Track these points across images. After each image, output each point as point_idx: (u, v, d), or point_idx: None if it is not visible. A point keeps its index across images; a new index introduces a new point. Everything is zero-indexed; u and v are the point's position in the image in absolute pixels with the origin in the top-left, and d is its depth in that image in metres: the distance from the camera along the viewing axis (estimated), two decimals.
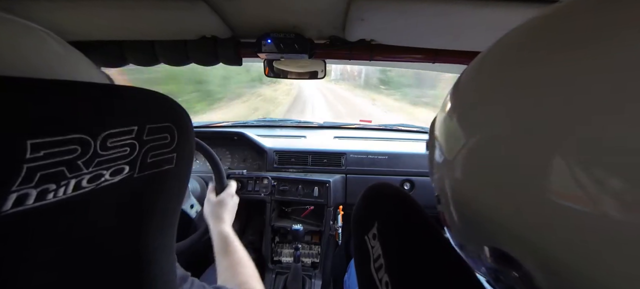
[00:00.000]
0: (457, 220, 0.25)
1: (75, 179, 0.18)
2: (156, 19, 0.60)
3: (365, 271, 0.26)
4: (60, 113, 0.18)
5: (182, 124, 0.26)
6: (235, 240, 0.63)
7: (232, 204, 0.76)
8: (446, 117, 0.26)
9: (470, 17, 0.51)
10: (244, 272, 0.55)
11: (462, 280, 0.21)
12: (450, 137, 0.25)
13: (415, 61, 0.78)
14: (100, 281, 0.21)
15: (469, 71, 0.26)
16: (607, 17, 0.15)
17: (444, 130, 0.26)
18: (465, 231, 0.24)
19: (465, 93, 0.25)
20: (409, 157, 1.22)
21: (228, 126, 1.48)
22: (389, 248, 0.25)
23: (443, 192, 0.26)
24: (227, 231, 0.65)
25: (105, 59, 0.76)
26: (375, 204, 0.30)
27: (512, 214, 0.18)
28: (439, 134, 0.27)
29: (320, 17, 0.60)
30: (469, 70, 0.26)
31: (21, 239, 0.17)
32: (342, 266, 1.24)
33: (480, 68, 0.24)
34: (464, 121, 0.23)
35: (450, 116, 0.25)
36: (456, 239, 0.27)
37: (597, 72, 0.14)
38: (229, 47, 0.72)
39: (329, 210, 1.15)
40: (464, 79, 0.26)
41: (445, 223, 0.28)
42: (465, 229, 0.24)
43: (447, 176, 0.25)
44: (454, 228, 0.26)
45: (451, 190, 0.24)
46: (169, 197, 0.26)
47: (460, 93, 0.26)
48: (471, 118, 0.22)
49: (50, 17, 0.58)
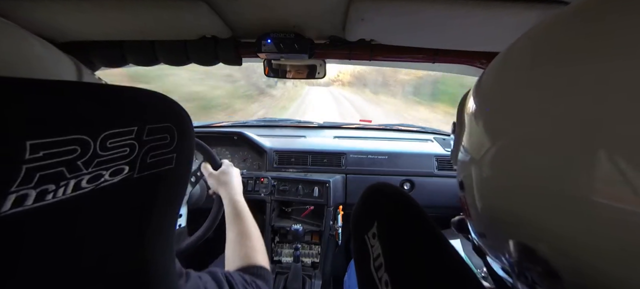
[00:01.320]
0: (482, 211, 0.24)
1: (75, 179, 0.18)
2: (156, 19, 0.60)
3: (365, 270, 0.26)
4: (59, 114, 0.18)
5: (182, 124, 0.26)
6: (245, 210, 0.64)
7: (235, 172, 0.77)
8: (473, 114, 0.26)
9: (470, 17, 0.51)
10: (248, 244, 0.55)
11: (461, 279, 0.21)
12: (477, 136, 0.24)
13: (415, 61, 0.78)
14: (100, 281, 0.21)
15: (492, 70, 0.26)
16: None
17: (470, 125, 0.26)
18: (489, 222, 0.24)
19: (489, 94, 0.25)
20: (409, 157, 1.22)
21: (228, 126, 1.48)
22: (388, 247, 0.25)
23: (467, 181, 0.26)
24: (239, 199, 0.67)
25: (105, 59, 0.76)
26: (374, 204, 0.30)
27: (543, 213, 0.18)
28: (467, 124, 0.27)
29: (320, 17, 0.60)
30: (493, 69, 0.25)
31: (21, 240, 0.17)
32: (342, 266, 1.24)
33: (505, 67, 0.24)
34: (491, 123, 0.23)
35: (476, 114, 0.25)
36: (477, 227, 0.27)
37: (630, 69, 0.14)
38: (229, 47, 0.72)
39: (329, 210, 1.15)
40: (488, 78, 0.26)
41: (466, 210, 0.28)
42: (489, 220, 0.24)
43: (473, 170, 0.24)
44: (475, 216, 0.26)
45: (477, 184, 0.24)
46: (169, 197, 0.26)
47: (484, 92, 0.25)
48: (498, 120, 0.22)
49: (50, 18, 0.58)
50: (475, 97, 0.26)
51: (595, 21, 0.17)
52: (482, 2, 0.46)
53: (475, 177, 0.24)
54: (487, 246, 0.26)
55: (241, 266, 0.50)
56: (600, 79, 0.15)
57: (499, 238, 0.23)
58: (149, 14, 0.57)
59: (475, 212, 0.26)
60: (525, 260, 0.20)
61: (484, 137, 0.23)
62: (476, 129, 0.25)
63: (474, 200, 0.25)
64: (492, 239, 0.25)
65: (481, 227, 0.26)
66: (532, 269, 0.19)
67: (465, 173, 0.26)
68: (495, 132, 0.22)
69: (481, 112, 0.24)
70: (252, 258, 0.52)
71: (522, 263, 0.20)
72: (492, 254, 0.26)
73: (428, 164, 1.20)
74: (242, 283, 0.42)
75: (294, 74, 0.87)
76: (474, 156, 0.24)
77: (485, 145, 0.23)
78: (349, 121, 1.92)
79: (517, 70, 0.22)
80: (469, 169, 0.25)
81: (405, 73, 14.71)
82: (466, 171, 0.26)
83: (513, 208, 0.20)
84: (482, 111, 0.24)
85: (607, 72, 0.15)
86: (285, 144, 1.29)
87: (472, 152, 0.25)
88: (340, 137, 1.40)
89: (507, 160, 0.20)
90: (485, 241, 0.26)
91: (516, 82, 0.21)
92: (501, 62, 0.25)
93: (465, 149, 0.27)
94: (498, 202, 0.22)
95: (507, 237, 0.21)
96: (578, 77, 0.16)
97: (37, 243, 0.18)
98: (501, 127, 0.21)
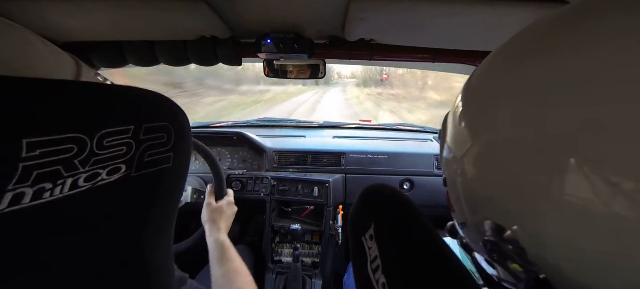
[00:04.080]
0: (462, 198, 0.28)
1: (72, 178, 0.18)
2: (156, 20, 0.60)
3: (362, 272, 0.26)
4: (56, 112, 0.18)
5: (179, 123, 0.26)
6: (231, 248, 0.62)
7: (230, 213, 0.76)
8: (457, 115, 0.28)
9: (470, 17, 0.51)
10: (240, 280, 0.54)
11: (458, 282, 0.21)
12: (459, 137, 0.27)
13: (415, 61, 0.78)
14: (97, 280, 0.21)
15: (479, 72, 0.28)
16: (621, 20, 0.17)
17: (453, 127, 0.29)
18: (468, 208, 0.28)
19: (474, 94, 0.27)
20: (409, 157, 1.22)
21: (228, 126, 1.48)
22: (385, 249, 0.25)
23: (451, 176, 0.29)
24: (223, 239, 0.65)
25: (105, 60, 0.76)
26: (372, 205, 0.30)
27: (514, 199, 0.21)
28: (450, 129, 0.30)
29: (320, 17, 0.60)
30: (480, 71, 0.28)
31: (18, 238, 0.17)
32: (342, 266, 1.24)
33: (490, 69, 0.26)
34: (472, 123, 0.25)
35: (459, 116, 0.27)
36: (459, 219, 0.30)
37: (613, 69, 0.16)
38: (228, 47, 0.72)
39: (328, 210, 1.15)
40: (474, 80, 0.28)
41: (451, 205, 0.31)
42: (468, 206, 0.28)
43: (456, 170, 0.27)
44: (458, 208, 0.29)
45: (459, 177, 0.27)
46: (167, 196, 0.26)
47: (470, 94, 0.28)
48: (479, 120, 0.24)
49: (50, 18, 0.58)
50: (463, 96, 0.28)
51: (583, 20, 0.19)
52: (482, 2, 0.46)
53: (457, 172, 0.27)
54: (468, 234, 0.29)
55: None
56: (579, 80, 0.17)
57: (476, 221, 0.26)
58: (149, 14, 0.57)
59: (457, 202, 0.29)
60: (498, 238, 0.23)
61: (465, 135, 0.26)
62: (459, 128, 0.27)
63: (456, 191, 0.28)
64: (471, 226, 0.28)
65: (462, 216, 0.29)
66: (503, 246, 0.22)
67: (449, 169, 0.29)
68: (476, 130, 0.25)
69: (465, 112, 0.27)
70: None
71: (495, 240, 0.23)
72: (472, 241, 0.29)
73: (428, 164, 1.20)
74: None
75: (294, 74, 0.87)
76: (456, 154, 0.27)
77: (466, 143, 0.26)
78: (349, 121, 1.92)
79: (500, 69, 0.25)
80: (452, 166, 0.28)
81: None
82: (450, 167, 0.29)
83: (489, 194, 0.24)
84: (466, 111, 0.27)
85: (590, 73, 0.17)
86: (285, 144, 1.29)
87: (455, 150, 0.28)
88: (340, 137, 1.40)
89: (487, 157, 0.23)
90: (466, 230, 0.29)
91: (498, 83, 0.24)
92: (485, 65, 0.28)
93: (449, 147, 0.30)
94: (478, 190, 0.25)
95: (483, 219, 0.25)
96: (561, 77, 0.18)
97: (35, 241, 0.18)
98: (482, 126, 0.24)
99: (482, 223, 0.24)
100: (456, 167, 0.28)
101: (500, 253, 0.23)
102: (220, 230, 0.69)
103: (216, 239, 0.65)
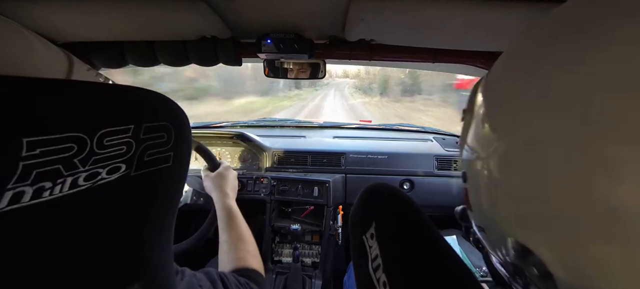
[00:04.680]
0: (484, 206, 0.24)
1: (72, 177, 0.18)
2: (156, 20, 0.60)
3: (363, 271, 0.26)
4: (56, 111, 0.18)
5: (180, 123, 0.26)
6: (238, 215, 0.64)
7: (232, 177, 0.77)
8: (480, 110, 0.25)
9: (470, 17, 0.51)
10: (243, 248, 0.55)
11: (458, 280, 0.21)
12: (484, 134, 0.24)
13: (415, 61, 0.78)
14: (96, 280, 0.21)
15: (498, 68, 0.25)
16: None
17: (477, 121, 0.25)
18: (489, 218, 0.24)
19: (496, 93, 0.24)
20: (409, 157, 1.22)
21: (228, 126, 1.48)
22: (386, 248, 0.25)
23: (472, 175, 0.26)
24: (231, 204, 0.67)
25: (105, 60, 0.76)
26: (373, 205, 0.30)
27: (545, 217, 0.18)
28: (474, 119, 0.26)
29: (320, 17, 0.60)
30: (499, 67, 0.25)
31: (17, 237, 0.17)
32: (342, 266, 1.24)
33: (511, 66, 0.23)
34: (497, 123, 0.22)
35: (483, 112, 0.25)
36: (478, 221, 0.27)
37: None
38: (228, 47, 0.72)
39: (328, 210, 1.15)
40: (495, 77, 0.25)
41: (468, 202, 0.28)
42: (490, 217, 0.24)
43: (478, 166, 0.24)
44: (477, 210, 0.26)
45: (482, 180, 0.24)
46: (167, 195, 0.26)
47: (491, 91, 0.25)
48: (505, 121, 0.21)
49: (50, 18, 0.58)
50: (483, 95, 0.26)
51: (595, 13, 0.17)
52: (482, 2, 0.46)
53: (480, 174, 0.24)
54: (486, 240, 0.26)
55: (235, 268, 0.50)
56: (609, 76, 0.15)
57: (499, 234, 0.23)
58: (149, 14, 0.57)
59: (477, 206, 0.26)
60: (522, 260, 0.20)
61: (490, 136, 0.23)
62: (482, 126, 0.24)
63: (477, 195, 0.25)
64: (491, 235, 0.25)
65: (482, 221, 0.26)
66: (528, 269, 0.19)
67: (470, 167, 0.26)
68: (501, 132, 0.22)
69: (488, 111, 0.24)
70: (247, 261, 0.52)
71: (519, 262, 0.20)
72: (490, 249, 0.26)
73: (428, 164, 1.20)
74: (235, 284, 0.42)
75: (294, 73, 0.87)
76: (480, 153, 0.24)
77: (492, 144, 0.22)
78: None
79: (523, 70, 0.22)
80: (474, 164, 0.25)
81: None
82: (471, 165, 0.26)
83: (515, 209, 0.20)
84: (489, 110, 0.24)
85: (619, 66, 0.14)
86: (285, 144, 1.29)
87: (478, 149, 0.24)
88: (340, 137, 1.40)
89: (514, 162, 0.20)
90: (485, 235, 0.26)
91: (523, 82, 0.21)
92: (506, 61, 0.24)
93: (471, 144, 0.26)
94: (501, 201, 0.22)
95: (506, 235, 0.21)
96: (587, 75, 0.16)
97: (34, 240, 0.18)
98: (507, 128, 0.21)
99: (505, 239, 0.22)
100: (480, 168, 0.24)
101: (523, 275, 0.20)
102: (227, 196, 0.70)
103: (224, 205, 0.66)
